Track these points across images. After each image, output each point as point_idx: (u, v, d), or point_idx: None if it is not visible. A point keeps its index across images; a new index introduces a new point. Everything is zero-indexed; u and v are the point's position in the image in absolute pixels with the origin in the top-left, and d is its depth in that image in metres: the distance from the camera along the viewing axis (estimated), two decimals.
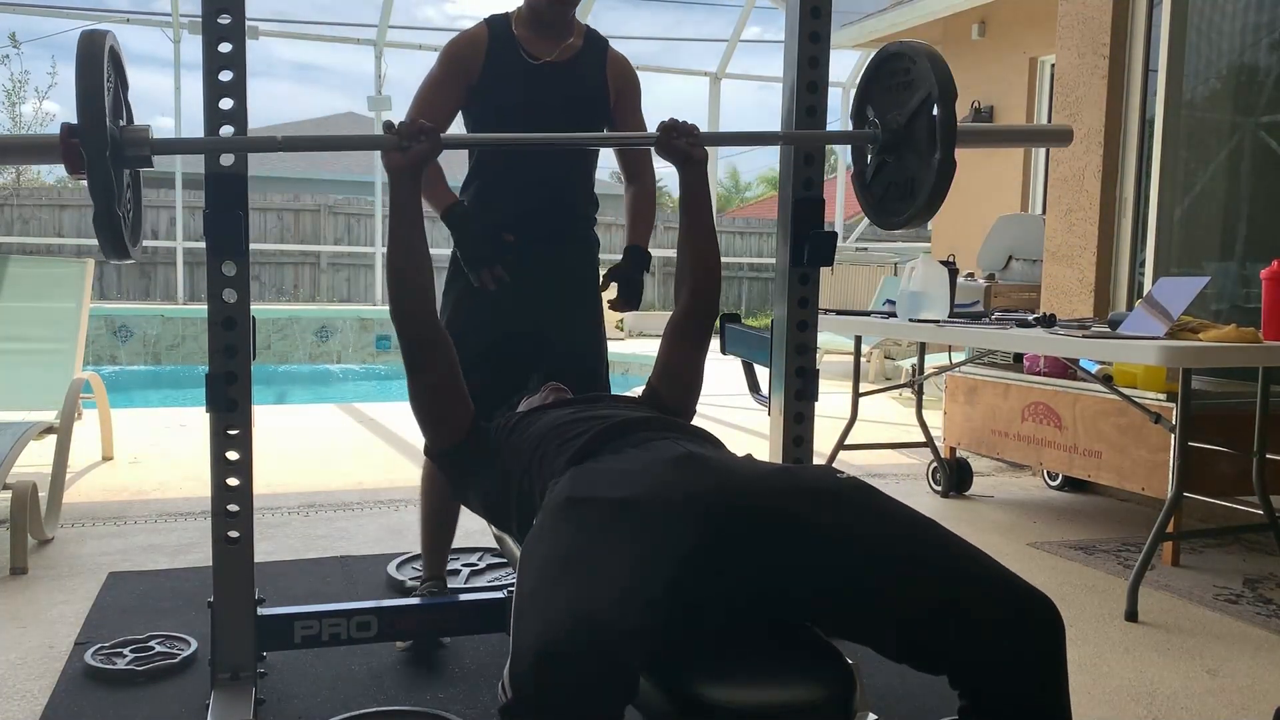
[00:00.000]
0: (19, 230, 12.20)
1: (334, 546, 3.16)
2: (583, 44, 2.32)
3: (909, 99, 1.82)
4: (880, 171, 1.93)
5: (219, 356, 1.78)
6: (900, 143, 1.85)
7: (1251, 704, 2.16)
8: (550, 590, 1.13)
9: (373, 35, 10.95)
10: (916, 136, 1.81)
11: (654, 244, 6.32)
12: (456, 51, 2.26)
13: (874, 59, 1.93)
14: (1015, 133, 2.50)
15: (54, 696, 2.07)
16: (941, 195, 1.76)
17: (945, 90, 1.73)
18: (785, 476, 1.41)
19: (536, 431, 1.63)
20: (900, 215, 1.88)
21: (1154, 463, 3.18)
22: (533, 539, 1.28)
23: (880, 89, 1.92)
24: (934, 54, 1.78)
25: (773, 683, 1.18)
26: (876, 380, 7.36)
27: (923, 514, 1.32)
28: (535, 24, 2.26)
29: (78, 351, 3.91)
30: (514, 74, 2.24)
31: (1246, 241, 3.89)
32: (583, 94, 2.29)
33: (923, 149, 1.79)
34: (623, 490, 1.29)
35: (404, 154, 1.67)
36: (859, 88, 1.98)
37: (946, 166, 1.74)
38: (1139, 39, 4.13)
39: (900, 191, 1.88)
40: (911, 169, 1.84)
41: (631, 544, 1.20)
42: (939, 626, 1.20)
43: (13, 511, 2.87)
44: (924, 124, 1.78)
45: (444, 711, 2.02)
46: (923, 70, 1.77)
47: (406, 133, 1.67)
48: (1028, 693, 1.19)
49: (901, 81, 1.84)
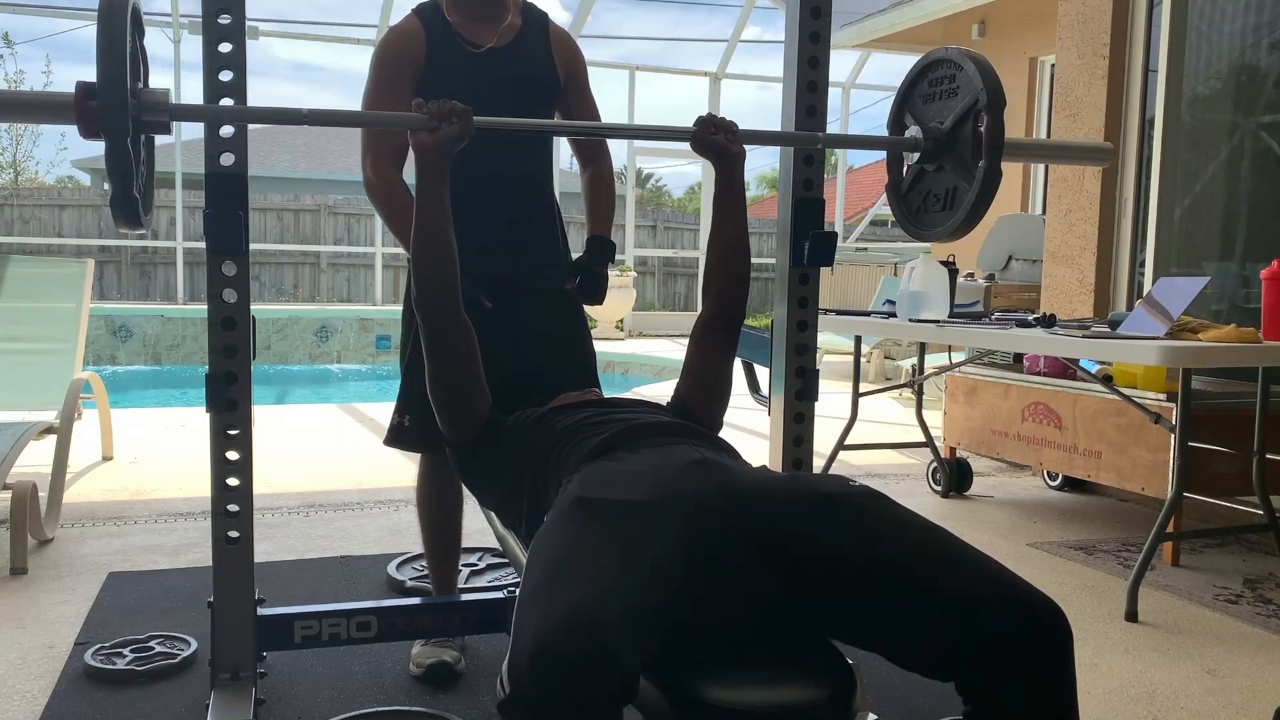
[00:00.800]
0: (19, 230, 12.21)
1: (334, 546, 3.16)
2: (522, 22, 2.19)
3: (953, 105, 1.76)
4: (919, 181, 1.87)
5: (219, 356, 1.78)
6: (942, 151, 1.78)
7: (1251, 704, 2.16)
8: (552, 588, 1.13)
9: (372, 35, 10.95)
10: (960, 145, 1.74)
11: (653, 244, 6.24)
12: (394, 49, 2.11)
13: (917, 65, 1.87)
14: (1057, 148, 2.47)
15: (54, 696, 2.07)
16: (984, 207, 1.70)
17: (994, 97, 1.66)
18: (797, 484, 1.40)
19: (557, 430, 1.63)
20: (939, 227, 1.82)
21: (1154, 463, 3.18)
22: (541, 536, 1.28)
23: (921, 96, 1.85)
24: (982, 60, 1.72)
25: (773, 683, 1.18)
26: (876, 380, 7.36)
27: (933, 522, 1.32)
28: (468, 7, 2.13)
29: (78, 351, 3.91)
30: (458, 65, 2.11)
31: (1246, 241, 3.89)
32: (532, 77, 2.16)
33: (966, 158, 1.73)
34: (631, 492, 1.28)
35: (433, 135, 1.63)
36: (899, 94, 1.91)
37: (992, 176, 1.67)
38: (1139, 39, 4.13)
39: (940, 202, 1.81)
40: (952, 179, 1.77)
41: (637, 547, 1.20)
42: (948, 635, 1.20)
43: (13, 511, 2.87)
44: (968, 132, 1.72)
45: (444, 712, 2.02)
46: (970, 76, 1.70)
47: (438, 112, 1.63)
48: (1036, 702, 1.19)
49: (946, 89, 1.78)
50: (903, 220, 1.95)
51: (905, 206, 1.93)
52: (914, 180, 1.89)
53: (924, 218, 1.88)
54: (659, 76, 12.22)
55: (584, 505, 1.29)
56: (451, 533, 2.35)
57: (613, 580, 1.13)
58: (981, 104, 1.68)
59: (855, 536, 1.26)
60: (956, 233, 1.79)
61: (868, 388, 4.22)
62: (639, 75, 11.40)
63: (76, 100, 1.47)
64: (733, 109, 39.46)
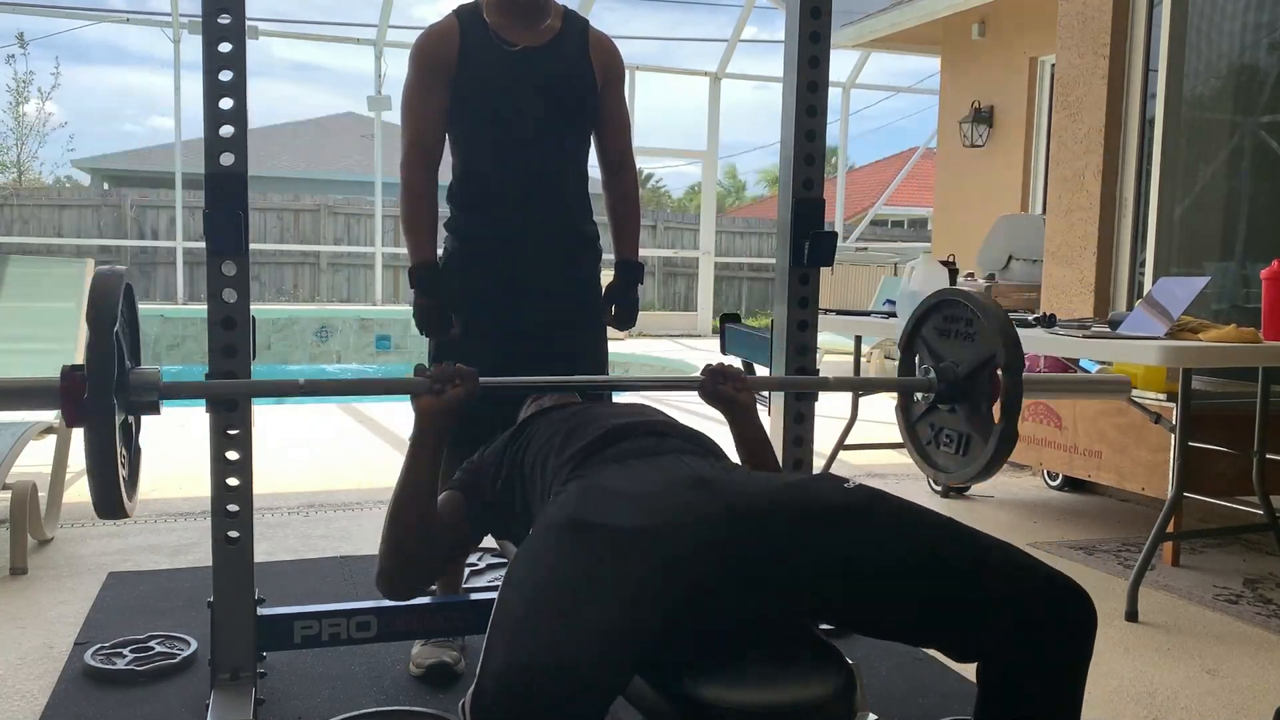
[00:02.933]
0: (19, 230, 12.21)
1: (334, 546, 3.16)
2: (561, 25, 2.18)
3: (969, 353, 1.75)
4: (929, 414, 1.86)
5: (219, 356, 1.78)
6: (956, 396, 1.77)
7: (1251, 704, 2.16)
8: (529, 620, 1.09)
9: (372, 35, 10.95)
10: (975, 394, 1.74)
11: (653, 244, 6.25)
12: (429, 48, 2.12)
13: (932, 299, 1.84)
14: (1075, 383, 2.49)
15: (54, 696, 2.07)
16: (1000, 463, 1.70)
17: (1013, 360, 1.65)
18: (797, 496, 1.33)
19: (537, 439, 1.61)
20: (952, 471, 1.81)
21: (1154, 463, 3.18)
22: (527, 551, 1.24)
23: (935, 330, 1.84)
24: (998, 312, 1.70)
25: (773, 683, 1.18)
26: None
27: (939, 513, 1.32)
28: (508, 8, 2.13)
29: (77, 351, 3.91)
30: (491, 64, 2.10)
31: (1246, 241, 3.89)
32: (566, 78, 2.15)
33: (981, 409, 1.73)
34: (627, 518, 1.22)
35: (437, 398, 1.56)
36: (912, 320, 1.88)
37: (1009, 436, 1.67)
38: (1139, 39, 4.13)
39: (953, 445, 1.81)
40: (966, 426, 1.77)
41: (628, 580, 1.15)
42: (978, 621, 1.22)
43: (13, 511, 2.87)
44: (984, 382, 1.71)
45: (444, 712, 2.02)
46: (988, 333, 1.70)
47: (440, 377, 1.57)
48: (1050, 684, 1.21)
49: (962, 331, 1.77)
50: (912, 450, 1.92)
51: (915, 437, 1.91)
52: (924, 413, 1.87)
53: (935, 455, 1.87)
54: (659, 76, 12.22)
55: (575, 528, 1.23)
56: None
57: (593, 619, 1.09)
58: (1000, 362, 1.67)
59: (864, 541, 1.26)
60: (971, 481, 1.81)
61: None
62: (639, 75, 11.40)
63: (65, 388, 1.39)
64: (733, 109, 39.11)
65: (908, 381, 1.87)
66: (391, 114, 10.21)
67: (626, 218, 2.31)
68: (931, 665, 2.22)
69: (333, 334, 10.35)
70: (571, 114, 2.18)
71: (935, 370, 1.81)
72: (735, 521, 1.24)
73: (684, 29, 52.82)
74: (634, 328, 2.31)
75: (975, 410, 1.75)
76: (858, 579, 1.24)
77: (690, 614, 1.19)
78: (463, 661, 2.22)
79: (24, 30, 18.17)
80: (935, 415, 1.85)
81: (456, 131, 2.17)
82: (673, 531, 1.21)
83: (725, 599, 1.22)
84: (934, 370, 1.81)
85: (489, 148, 2.16)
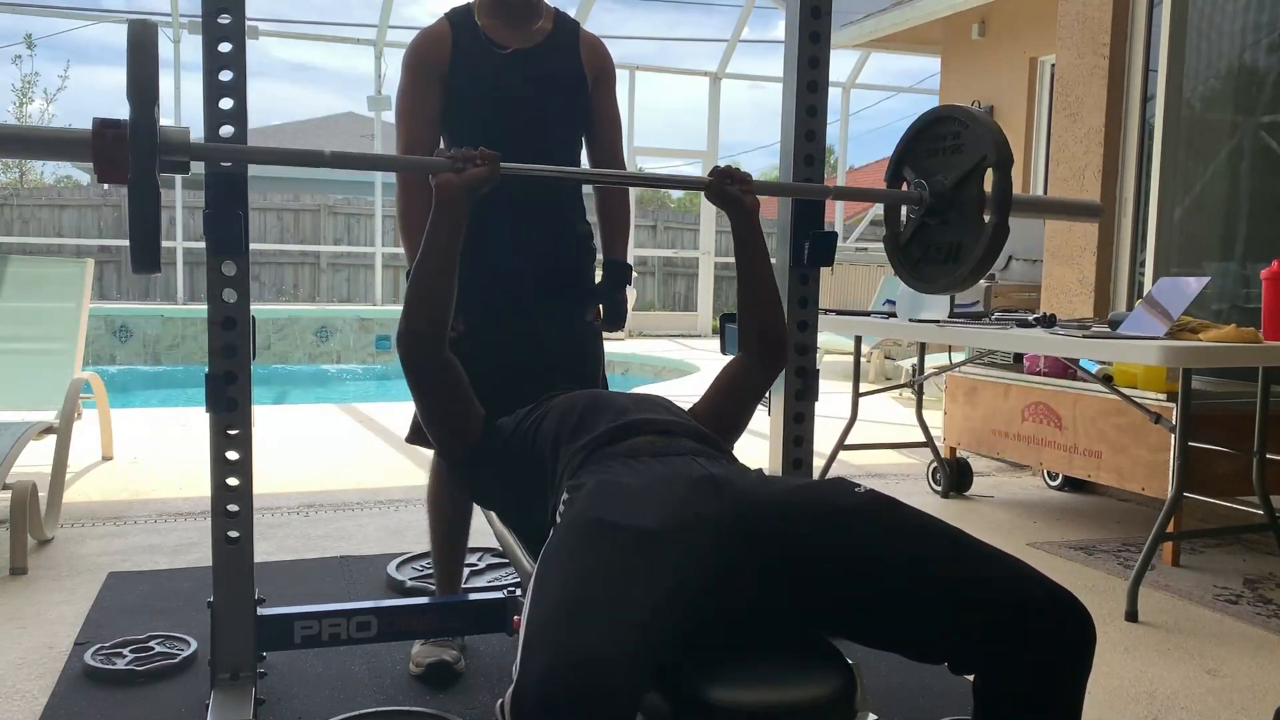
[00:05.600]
0: (19, 230, 12.21)
1: (334, 546, 3.16)
2: (552, 27, 2.19)
3: (959, 162, 1.77)
4: (919, 234, 1.88)
5: (219, 356, 1.78)
6: (946, 206, 1.79)
7: (1251, 704, 2.16)
8: (567, 622, 1.11)
9: (372, 35, 10.96)
10: (965, 201, 1.76)
11: (653, 244, 6.26)
12: (422, 51, 2.14)
13: (920, 120, 1.88)
14: (1053, 204, 2.59)
15: (54, 696, 2.07)
16: (991, 261, 1.72)
17: (1004, 155, 1.69)
18: (807, 498, 1.36)
19: (550, 416, 1.62)
20: (942, 280, 1.83)
21: (1154, 463, 3.18)
22: (554, 553, 1.26)
23: (923, 150, 1.87)
24: (990, 121, 1.74)
25: (773, 683, 1.18)
26: (876, 380, 7.36)
27: (947, 523, 1.31)
28: (500, 10, 2.15)
29: (78, 351, 3.91)
30: (483, 65, 2.12)
31: (1246, 241, 3.89)
32: (557, 79, 2.16)
33: (971, 213, 1.75)
34: (645, 518, 1.25)
35: (458, 174, 1.64)
36: (898, 148, 1.92)
37: (1000, 232, 1.69)
38: (1139, 39, 4.13)
39: (942, 255, 1.83)
40: (956, 234, 1.79)
41: (653, 580, 1.17)
42: (975, 634, 1.21)
43: (13, 511, 2.87)
44: (974, 188, 1.74)
45: (444, 712, 2.02)
46: (978, 135, 1.72)
47: (462, 157, 1.65)
48: (1049, 698, 1.21)
49: (949, 145, 1.80)
50: (902, 272, 1.94)
51: (905, 258, 1.93)
52: (914, 233, 1.89)
53: (925, 270, 1.88)
54: (658, 76, 12.22)
55: (600, 527, 1.26)
56: (461, 532, 2.36)
57: (627, 616, 1.11)
58: (990, 161, 1.70)
59: (872, 547, 1.26)
60: (961, 285, 1.81)
61: (868, 388, 4.21)
62: (639, 75, 11.40)
63: (98, 138, 1.41)
64: (733, 109, 39.23)
65: (897, 194, 1.90)
66: (391, 114, 10.21)
67: (615, 218, 2.32)
68: (931, 665, 2.21)
69: (333, 334, 10.36)
70: (563, 114, 2.19)
71: (926, 184, 1.83)
72: (746, 520, 1.27)
73: (683, 29, 52.78)
74: (627, 328, 2.31)
75: (966, 219, 1.76)
76: (863, 583, 1.25)
77: (706, 613, 1.21)
78: (462, 661, 2.22)
79: (24, 30, 18.20)
80: (925, 233, 1.87)
81: (450, 133, 2.18)
82: (690, 533, 1.23)
83: (736, 600, 1.23)
84: (925, 185, 1.83)
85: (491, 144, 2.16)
